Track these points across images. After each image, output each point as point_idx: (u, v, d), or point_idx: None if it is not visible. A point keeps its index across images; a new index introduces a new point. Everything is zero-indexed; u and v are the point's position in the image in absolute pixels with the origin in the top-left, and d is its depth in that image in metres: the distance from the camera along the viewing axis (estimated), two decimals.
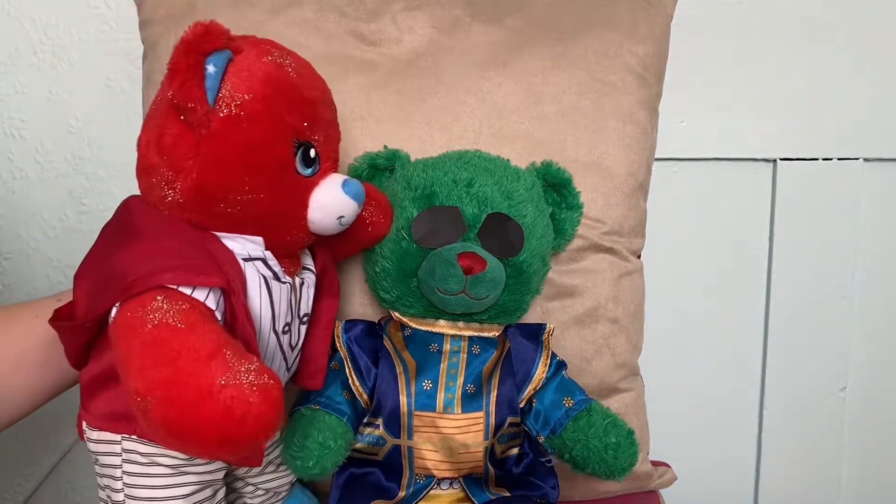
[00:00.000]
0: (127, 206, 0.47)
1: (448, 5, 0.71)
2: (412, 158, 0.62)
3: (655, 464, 0.71)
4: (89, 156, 0.92)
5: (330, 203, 0.47)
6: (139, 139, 0.46)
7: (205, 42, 0.41)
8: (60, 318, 0.47)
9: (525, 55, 0.69)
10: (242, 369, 0.36)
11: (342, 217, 0.48)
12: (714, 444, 0.98)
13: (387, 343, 0.57)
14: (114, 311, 0.41)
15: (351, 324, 0.59)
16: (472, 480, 0.57)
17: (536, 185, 0.60)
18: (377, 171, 0.62)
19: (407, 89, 0.68)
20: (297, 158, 0.46)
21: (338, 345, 0.57)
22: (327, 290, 0.54)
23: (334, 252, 0.56)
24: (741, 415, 0.97)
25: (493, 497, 0.56)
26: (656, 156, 0.73)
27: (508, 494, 0.56)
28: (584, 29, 0.70)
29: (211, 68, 0.41)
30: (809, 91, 0.90)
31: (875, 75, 0.90)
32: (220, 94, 0.42)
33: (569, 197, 0.62)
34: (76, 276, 0.46)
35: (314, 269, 0.53)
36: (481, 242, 0.55)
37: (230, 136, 0.42)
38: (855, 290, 0.93)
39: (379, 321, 0.61)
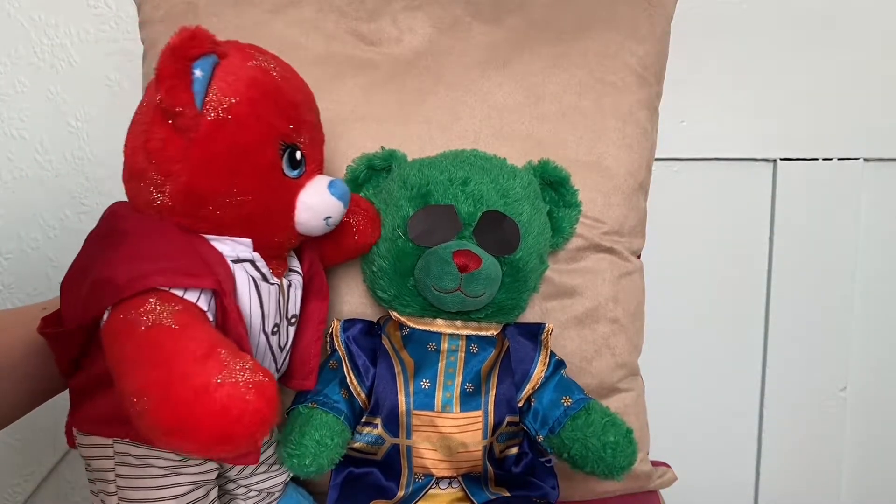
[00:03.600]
0: (112, 212, 0.47)
1: (448, 5, 0.71)
2: (411, 158, 0.62)
3: (655, 464, 0.71)
4: (89, 156, 0.92)
5: (317, 204, 0.48)
6: (125, 145, 0.46)
7: (191, 47, 0.41)
8: (48, 326, 0.47)
9: (525, 55, 0.69)
10: (237, 368, 0.36)
11: (329, 217, 0.49)
12: (714, 444, 0.98)
13: (385, 342, 0.57)
14: (105, 315, 0.41)
15: (349, 323, 0.59)
16: (471, 480, 0.57)
17: (533, 183, 0.60)
18: (374, 172, 0.62)
19: (407, 89, 0.68)
20: (284, 160, 0.46)
21: (336, 344, 0.58)
22: (316, 292, 0.54)
23: (322, 259, 0.56)
24: (741, 415, 0.97)
25: (492, 496, 0.56)
26: (656, 156, 0.73)
27: (508, 494, 0.56)
28: (584, 29, 0.70)
29: (198, 72, 0.41)
30: (809, 91, 0.90)
31: (875, 75, 0.90)
32: (207, 98, 0.42)
33: (566, 195, 0.62)
34: (63, 285, 0.46)
35: (301, 271, 0.53)
36: (477, 240, 0.55)
37: (218, 139, 0.43)
38: (855, 290, 0.93)
39: (378, 320, 0.61)
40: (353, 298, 0.64)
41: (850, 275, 0.92)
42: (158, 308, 0.39)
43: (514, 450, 0.59)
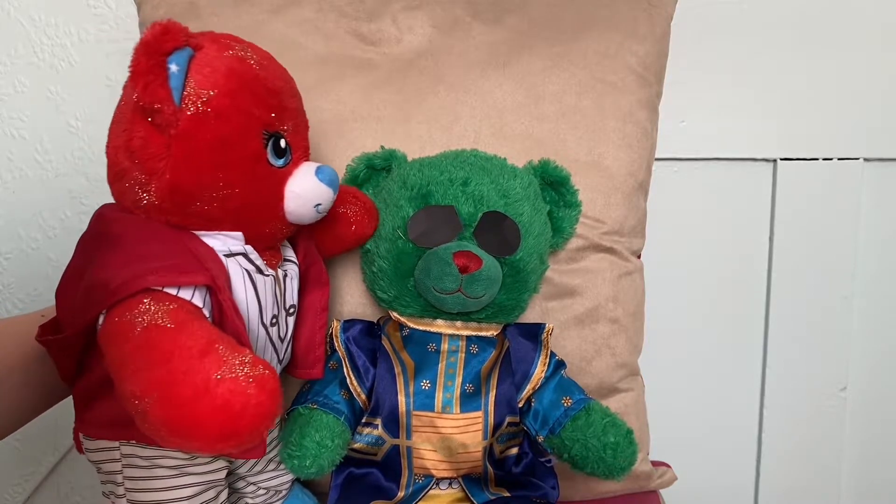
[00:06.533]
0: (101, 216, 0.46)
1: (448, 5, 0.71)
2: (411, 158, 0.62)
3: (655, 464, 0.71)
4: (89, 156, 0.92)
5: (305, 192, 0.47)
6: (107, 146, 0.45)
7: (165, 41, 0.40)
8: (46, 334, 0.46)
9: (525, 55, 0.69)
10: (237, 362, 0.36)
11: (319, 205, 0.48)
12: (714, 444, 0.98)
13: (385, 343, 0.57)
14: (101, 319, 0.41)
15: (349, 323, 0.59)
16: (471, 480, 0.57)
17: (534, 183, 0.60)
18: (374, 172, 0.62)
19: (407, 89, 0.68)
20: (269, 150, 0.45)
21: (336, 344, 0.58)
22: (314, 280, 0.54)
23: (320, 250, 0.56)
24: (741, 415, 0.97)
25: (492, 497, 0.56)
26: (656, 156, 0.73)
27: (508, 494, 0.56)
28: (584, 29, 0.70)
29: (174, 67, 0.41)
30: (809, 91, 0.90)
31: (875, 75, 0.90)
32: (185, 93, 0.41)
33: (567, 195, 0.62)
34: (57, 292, 0.45)
35: (296, 261, 0.53)
36: (477, 241, 0.55)
37: (200, 133, 0.42)
38: (855, 290, 0.93)
39: (378, 321, 0.61)
40: (353, 298, 0.64)
41: (850, 275, 0.92)
42: (153, 308, 0.38)
43: (515, 450, 0.59)
